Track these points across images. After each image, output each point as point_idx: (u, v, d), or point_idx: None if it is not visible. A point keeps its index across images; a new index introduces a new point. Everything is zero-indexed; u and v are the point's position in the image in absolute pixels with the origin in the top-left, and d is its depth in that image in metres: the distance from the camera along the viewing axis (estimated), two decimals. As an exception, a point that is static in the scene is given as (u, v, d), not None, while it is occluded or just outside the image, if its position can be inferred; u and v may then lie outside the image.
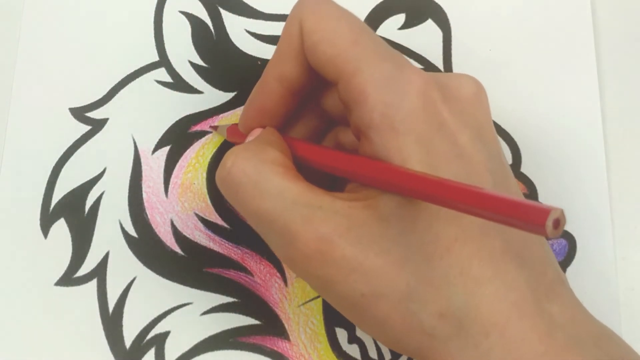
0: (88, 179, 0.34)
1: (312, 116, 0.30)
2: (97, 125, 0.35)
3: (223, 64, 0.36)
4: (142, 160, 0.35)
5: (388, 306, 0.24)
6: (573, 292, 0.26)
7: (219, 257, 0.33)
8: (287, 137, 0.29)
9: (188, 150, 0.35)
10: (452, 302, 0.24)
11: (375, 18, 0.37)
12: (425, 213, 0.24)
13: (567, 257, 0.33)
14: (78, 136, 0.35)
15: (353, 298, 0.24)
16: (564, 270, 0.33)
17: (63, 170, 0.35)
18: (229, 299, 0.33)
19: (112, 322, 0.32)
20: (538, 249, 0.26)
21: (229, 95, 0.35)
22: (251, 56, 0.36)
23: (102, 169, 0.35)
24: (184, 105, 0.35)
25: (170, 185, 0.34)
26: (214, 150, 0.35)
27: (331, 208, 0.25)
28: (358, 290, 0.24)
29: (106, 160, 0.35)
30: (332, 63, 0.26)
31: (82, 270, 0.33)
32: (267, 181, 0.25)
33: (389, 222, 0.24)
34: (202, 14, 0.37)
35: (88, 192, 0.34)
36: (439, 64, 0.37)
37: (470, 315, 0.24)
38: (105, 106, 0.36)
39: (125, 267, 0.33)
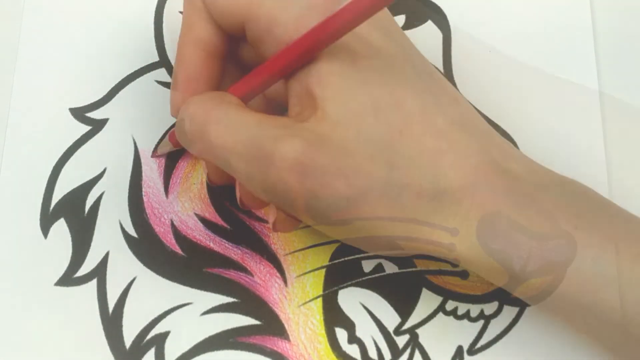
0: (88, 179, 0.34)
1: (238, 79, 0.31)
2: (97, 126, 0.35)
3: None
4: (142, 160, 0.35)
5: (372, 201, 0.25)
6: (522, 153, 0.29)
7: (219, 257, 0.33)
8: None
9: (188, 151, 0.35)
10: (422, 179, 0.26)
11: (375, 19, 0.37)
12: (369, 106, 0.26)
13: (567, 257, 0.33)
14: (78, 136, 0.35)
15: (339, 206, 0.25)
16: (564, 270, 0.33)
17: (63, 170, 0.35)
18: (229, 299, 0.33)
19: (112, 322, 0.32)
20: (478, 121, 0.28)
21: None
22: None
23: (102, 169, 0.35)
24: (184, 105, 0.35)
25: (170, 186, 0.34)
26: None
27: (294, 126, 0.25)
28: (343, 195, 0.25)
29: (106, 161, 0.35)
30: (234, 8, 0.27)
31: (82, 270, 0.33)
32: (228, 116, 0.26)
33: (344, 125, 0.25)
34: (203, 15, 0.37)
35: (88, 192, 0.34)
36: (439, 65, 0.37)
37: (440, 187, 0.26)
38: (105, 106, 0.36)
39: (125, 267, 0.33)
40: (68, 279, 0.33)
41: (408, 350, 0.32)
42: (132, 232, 0.34)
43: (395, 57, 0.27)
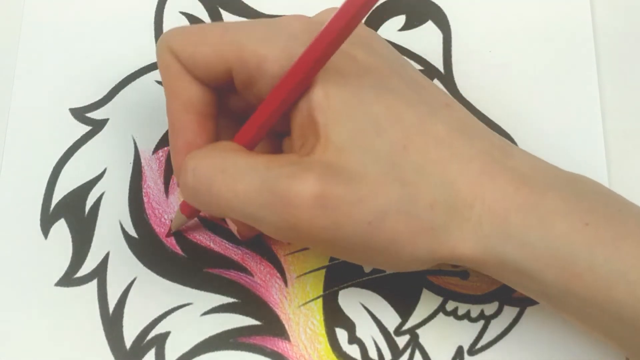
0: (88, 179, 0.34)
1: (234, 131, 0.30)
2: (98, 126, 0.35)
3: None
4: (142, 160, 0.35)
5: (393, 220, 0.25)
6: (522, 149, 0.29)
7: (219, 258, 0.33)
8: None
9: (188, 151, 0.35)
10: (433, 190, 0.26)
11: (376, 19, 0.37)
12: (369, 126, 0.26)
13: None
14: (78, 136, 0.35)
15: (362, 231, 0.25)
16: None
17: (63, 170, 0.35)
18: (229, 300, 0.33)
19: (112, 322, 0.32)
20: (474, 123, 0.28)
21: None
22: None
23: (102, 170, 0.35)
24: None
25: (170, 186, 0.34)
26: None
27: (302, 161, 0.25)
28: (364, 221, 0.25)
29: (106, 161, 0.35)
30: (217, 58, 0.27)
31: (83, 271, 0.33)
32: (234, 163, 0.26)
33: (349, 149, 0.25)
34: (203, 15, 0.37)
35: (88, 193, 0.34)
36: (439, 66, 0.37)
37: (451, 195, 0.26)
38: (105, 107, 0.36)
39: (125, 267, 0.33)
40: (68, 280, 0.33)
41: (408, 351, 0.32)
42: (132, 232, 0.34)
43: (382, 71, 0.27)
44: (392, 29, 0.37)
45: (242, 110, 0.30)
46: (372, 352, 0.32)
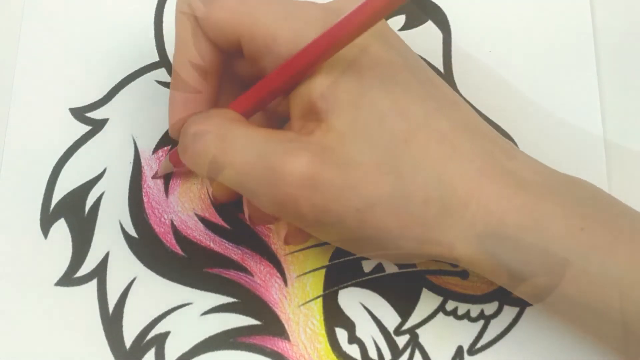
0: (88, 179, 0.34)
1: (234, 94, 0.30)
2: (97, 126, 0.35)
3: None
4: (142, 160, 0.35)
5: (382, 211, 0.25)
6: (526, 153, 0.28)
7: (219, 257, 0.33)
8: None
9: (188, 151, 0.35)
10: (428, 186, 0.25)
11: (375, 19, 0.37)
12: (373, 117, 0.26)
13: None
14: (78, 136, 0.35)
15: (349, 217, 0.25)
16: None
17: (63, 170, 0.35)
18: (229, 299, 0.33)
19: (112, 322, 0.32)
20: (480, 123, 0.28)
21: (229, 96, 0.35)
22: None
23: (102, 169, 0.35)
24: (184, 105, 0.35)
25: (170, 186, 0.34)
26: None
27: (300, 139, 0.25)
28: (353, 207, 0.25)
29: (106, 161, 0.35)
30: (230, 25, 0.27)
31: (82, 271, 0.33)
32: (233, 134, 0.26)
33: (349, 136, 0.25)
34: (203, 15, 0.37)
35: (88, 193, 0.34)
36: (439, 65, 0.37)
37: (447, 193, 0.26)
38: (105, 106, 0.36)
39: (125, 267, 0.33)
40: (68, 279, 0.33)
41: (408, 351, 0.32)
42: (132, 232, 0.34)
43: (394, 65, 0.27)
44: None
45: (247, 76, 0.30)
46: (372, 352, 0.32)
